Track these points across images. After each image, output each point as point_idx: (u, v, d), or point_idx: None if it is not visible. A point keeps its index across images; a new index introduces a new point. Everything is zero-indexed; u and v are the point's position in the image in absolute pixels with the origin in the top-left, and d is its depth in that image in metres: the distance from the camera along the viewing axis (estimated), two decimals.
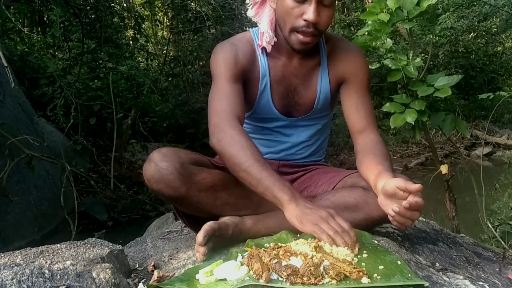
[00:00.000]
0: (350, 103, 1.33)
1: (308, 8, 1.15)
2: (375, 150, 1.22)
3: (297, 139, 1.41)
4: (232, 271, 0.89)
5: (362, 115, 1.30)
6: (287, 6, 1.17)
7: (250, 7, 1.33)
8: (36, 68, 5.79)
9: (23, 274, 0.80)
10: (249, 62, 1.29)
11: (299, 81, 1.33)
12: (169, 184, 1.10)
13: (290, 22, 1.18)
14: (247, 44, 1.31)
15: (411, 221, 0.98)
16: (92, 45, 5.86)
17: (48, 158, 3.60)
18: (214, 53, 1.31)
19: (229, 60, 1.26)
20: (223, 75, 1.24)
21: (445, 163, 2.06)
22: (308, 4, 1.15)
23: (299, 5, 1.16)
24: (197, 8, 8.24)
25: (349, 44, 1.39)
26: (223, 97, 1.21)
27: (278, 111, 1.34)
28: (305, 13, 1.15)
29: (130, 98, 6.47)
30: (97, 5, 5.66)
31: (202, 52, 8.27)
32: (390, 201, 1.00)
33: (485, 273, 1.13)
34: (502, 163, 5.67)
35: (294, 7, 1.17)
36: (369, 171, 1.14)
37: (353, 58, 1.34)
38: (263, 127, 1.39)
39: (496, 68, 10.62)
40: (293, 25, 1.18)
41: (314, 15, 1.14)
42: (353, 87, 1.33)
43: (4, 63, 2.31)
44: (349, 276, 0.84)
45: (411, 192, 0.95)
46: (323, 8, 1.17)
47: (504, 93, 2.07)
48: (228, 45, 1.30)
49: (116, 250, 1.01)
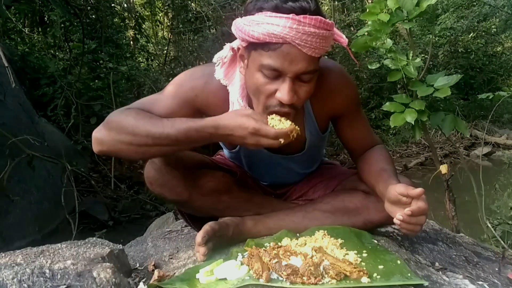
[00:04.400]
0: (346, 133, 1.24)
1: (282, 87, 0.95)
2: (377, 155, 1.19)
3: (290, 170, 1.32)
4: (233, 271, 0.89)
5: (361, 141, 1.25)
6: (257, 82, 0.97)
7: (218, 67, 1.10)
8: (37, 68, 5.78)
9: (23, 274, 0.80)
10: (218, 106, 1.10)
11: None
12: (172, 188, 1.09)
13: (262, 101, 0.99)
14: (222, 88, 1.10)
15: (419, 226, 0.96)
16: (93, 45, 5.86)
17: (49, 158, 3.61)
18: (182, 73, 1.14)
19: (190, 85, 1.10)
20: (173, 91, 1.10)
21: (444, 163, 2.06)
22: (282, 81, 0.95)
23: (271, 82, 0.96)
24: (198, 9, 8.23)
25: (330, 73, 1.13)
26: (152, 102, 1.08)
27: (267, 150, 1.20)
28: (278, 91, 0.95)
29: (130, 98, 6.45)
30: (97, 6, 5.66)
31: (203, 52, 8.26)
32: (396, 207, 0.98)
33: (485, 272, 1.13)
34: (502, 163, 5.66)
35: (266, 84, 0.96)
36: (373, 178, 1.12)
37: (340, 92, 1.15)
38: (253, 162, 1.29)
39: (495, 68, 10.62)
40: (265, 105, 0.99)
41: (289, 96, 0.94)
42: (346, 118, 1.21)
43: (5, 63, 2.32)
44: (349, 275, 0.84)
45: (413, 197, 0.94)
46: (301, 84, 0.97)
47: (503, 93, 2.07)
48: (200, 75, 1.12)
49: (117, 250, 1.02)
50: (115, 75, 5.89)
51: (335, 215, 1.17)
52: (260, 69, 0.96)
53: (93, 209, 4.34)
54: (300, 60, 0.93)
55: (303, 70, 0.95)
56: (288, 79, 0.95)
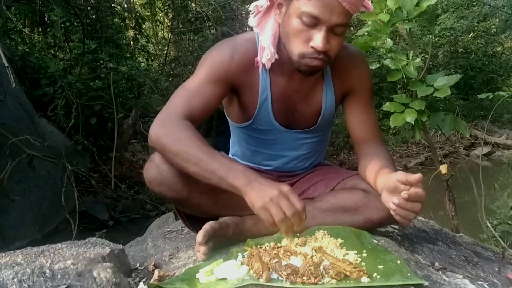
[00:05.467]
0: (355, 115, 1.28)
1: (317, 35, 1.03)
2: (379, 155, 1.20)
3: (296, 153, 1.35)
4: (233, 271, 0.89)
5: (367, 127, 1.27)
6: (295, 29, 1.06)
7: (252, 15, 1.20)
8: (37, 68, 5.79)
9: (24, 274, 0.80)
10: (245, 71, 1.18)
11: (300, 98, 1.25)
12: (171, 186, 1.10)
13: (298, 48, 1.07)
14: (248, 50, 1.19)
15: (413, 213, 0.96)
16: (93, 46, 5.86)
17: (49, 158, 3.61)
18: (211, 48, 1.22)
19: (218, 61, 1.16)
20: (204, 73, 1.15)
21: (444, 163, 2.06)
22: (318, 30, 1.03)
23: (307, 29, 1.04)
24: (198, 9, 8.23)
25: (352, 51, 1.28)
26: (187, 95, 1.13)
27: (279, 123, 1.27)
28: (313, 40, 1.04)
29: (130, 98, 6.46)
30: (97, 6, 5.67)
31: (203, 53, 8.17)
32: (393, 196, 0.98)
33: (485, 272, 1.13)
34: (501, 163, 5.67)
35: (302, 31, 1.05)
36: (374, 173, 1.12)
37: (359, 68, 1.26)
38: (262, 139, 1.32)
39: (495, 68, 10.62)
40: (301, 51, 1.07)
41: (323, 43, 1.03)
42: (358, 99, 1.27)
43: (5, 63, 2.32)
44: (349, 275, 0.84)
45: (412, 184, 0.94)
46: (334, 36, 1.06)
47: (503, 93, 2.08)
48: (227, 46, 1.19)
49: (117, 250, 1.02)
50: (115, 75, 5.89)
51: (335, 214, 1.17)
52: (300, 16, 1.04)
53: (93, 209, 4.35)
54: (339, 12, 1.02)
55: (339, 22, 1.03)
56: (324, 28, 1.03)
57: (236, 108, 1.29)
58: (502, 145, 8.44)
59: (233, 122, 1.35)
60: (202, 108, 1.13)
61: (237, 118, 1.32)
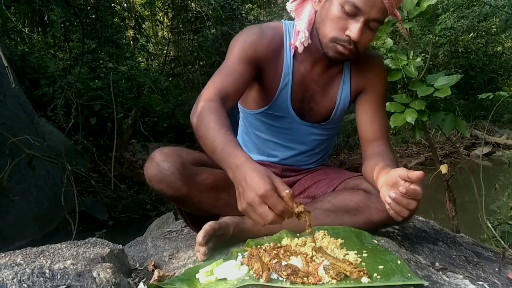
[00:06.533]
0: (366, 114, 1.30)
1: (354, 25, 1.10)
2: (385, 156, 1.20)
3: (305, 147, 1.39)
4: (232, 271, 0.89)
5: (377, 127, 1.29)
6: (334, 15, 1.12)
7: (290, 1, 1.27)
8: (37, 68, 5.79)
9: (23, 274, 0.80)
10: (271, 54, 1.24)
11: (318, 88, 1.30)
12: (171, 184, 1.10)
13: (333, 32, 1.13)
14: (276, 36, 1.25)
15: (407, 210, 0.95)
16: (93, 45, 5.86)
17: (49, 158, 3.61)
18: (240, 32, 1.27)
19: (249, 41, 1.21)
20: (236, 54, 1.20)
21: (444, 163, 2.06)
22: (356, 21, 1.10)
23: (346, 18, 1.11)
24: (198, 8, 8.24)
25: (372, 54, 1.35)
26: (221, 76, 1.17)
27: (295, 111, 1.30)
28: (349, 29, 1.11)
29: (130, 98, 6.46)
30: (97, 5, 5.66)
31: (202, 52, 8.28)
32: (391, 191, 0.97)
33: (485, 272, 1.13)
34: (502, 163, 5.66)
35: (341, 18, 1.11)
36: (376, 172, 1.12)
37: (376, 70, 1.32)
38: (275, 126, 1.35)
39: (495, 68, 10.60)
40: (335, 36, 1.13)
41: (358, 34, 1.10)
42: (371, 98, 1.31)
43: (5, 63, 2.31)
44: (349, 276, 0.84)
45: (413, 180, 0.93)
46: (367, 31, 1.13)
47: (503, 93, 2.07)
48: (256, 29, 1.25)
49: (117, 250, 1.01)
50: (115, 75, 5.89)
51: (335, 214, 1.17)
52: (343, 4, 1.10)
53: (93, 209, 4.35)
54: (378, 7, 1.09)
55: (377, 17, 1.11)
56: (362, 20, 1.09)
57: (255, 92, 1.32)
58: (502, 145, 8.43)
59: (247, 109, 1.37)
60: (236, 86, 1.17)
61: (254, 103, 1.34)
